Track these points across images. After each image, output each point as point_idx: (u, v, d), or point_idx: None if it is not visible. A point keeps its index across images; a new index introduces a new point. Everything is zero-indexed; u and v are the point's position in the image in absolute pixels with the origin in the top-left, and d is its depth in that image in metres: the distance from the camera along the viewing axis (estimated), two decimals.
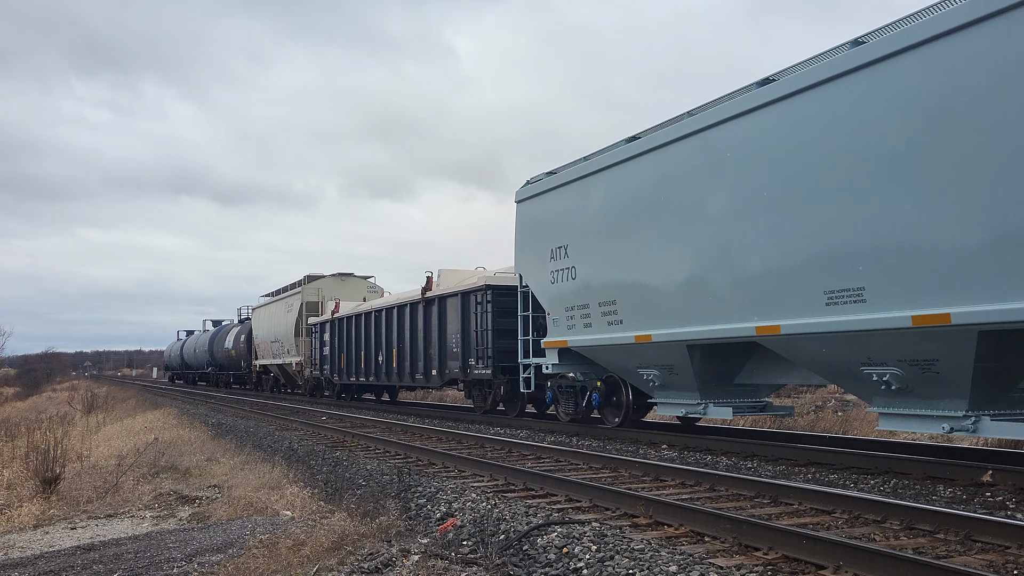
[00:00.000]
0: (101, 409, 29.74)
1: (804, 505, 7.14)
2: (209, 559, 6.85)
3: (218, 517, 8.95)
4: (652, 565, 5.31)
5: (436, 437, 14.72)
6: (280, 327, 34.95)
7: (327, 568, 6.07)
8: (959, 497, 7.49)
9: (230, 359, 45.18)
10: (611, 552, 5.65)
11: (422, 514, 7.83)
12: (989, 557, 5.32)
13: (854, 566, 4.99)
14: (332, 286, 32.61)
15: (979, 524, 5.84)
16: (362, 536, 6.76)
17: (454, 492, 8.47)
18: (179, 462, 13.28)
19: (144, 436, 17.36)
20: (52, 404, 39.67)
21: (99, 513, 9.97)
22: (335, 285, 32.66)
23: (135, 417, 25.01)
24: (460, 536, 6.73)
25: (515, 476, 9.18)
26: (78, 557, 7.45)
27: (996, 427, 7.98)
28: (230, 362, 45.37)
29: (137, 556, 7.22)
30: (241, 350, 42.36)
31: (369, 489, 9.20)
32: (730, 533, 5.94)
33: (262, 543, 6.99)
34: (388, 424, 17.73)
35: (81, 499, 10.72)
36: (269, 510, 8.93)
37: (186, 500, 10.41)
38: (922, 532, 6.02)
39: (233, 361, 44.54)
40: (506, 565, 5.78)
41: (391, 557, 6.06)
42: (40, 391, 59.68)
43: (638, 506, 6.98)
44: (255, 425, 19.01)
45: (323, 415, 21.03)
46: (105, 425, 22.92)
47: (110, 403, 33.75)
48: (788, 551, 5.44)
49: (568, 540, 6.04)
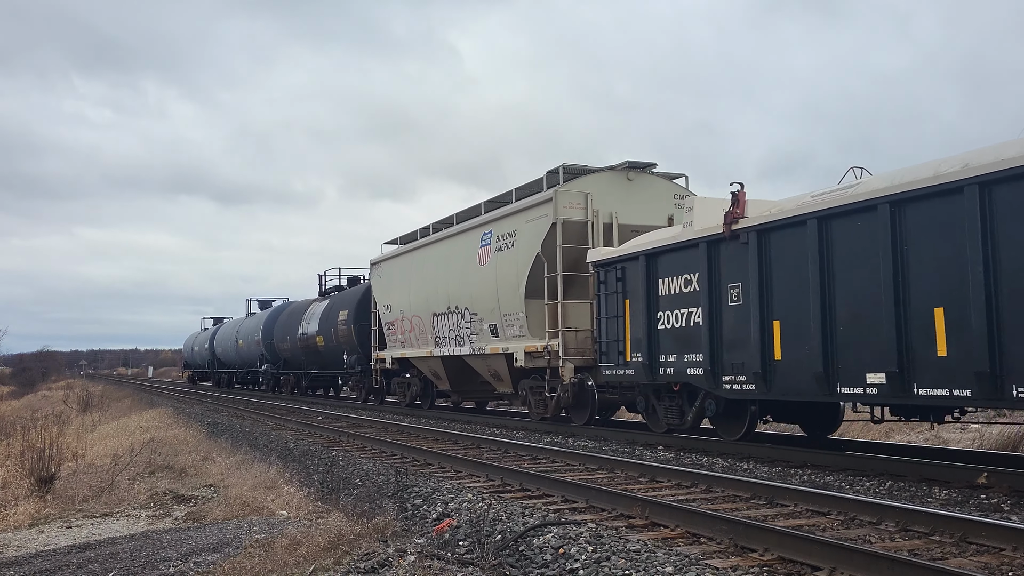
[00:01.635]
0: (96, 408, 29.69)
1: (800, 507, 7.15)
2: (205, 559, 6.85)
3: (214, 517, 8.94)
4: (648, 566, 5.31)
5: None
6: (473, 283, 17.63)
7: (323, 568, 6.07)
8: (954, 499, 7.50)
9: (311, 352, 29.55)
10: (607, 553, 5.65)
11: (418, 514, 7.83)
12: (984, 559, 5.34)
13: (849, 568, 5.00)
14: (610, 190, 15.66)
15: (974, 526, 5.85)
16: (359, 536, 6.75)
17: (450, 492, 8.47)
18: (175, 461, 13.26)
19: (140, 435, 17.34)
20: (47, 403, 39.54)
21: (94, 512, 9.95)
22: (614, 188, 15.72)
23: (131, 416, 24.97)
24: (456, 536, 6.73)
25: (511, 477, 9.18)
26: (73, 556, 7.44)
27: None
28: (311, 357, 29.87)
29: (133, 555, 7.21)
30: (340, 336, 26.15)
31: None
32: (726, 534, 5.95)
33: (258, 543, 6.99)
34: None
35: (76, 498, 10.70)
36: (265, 510, 8.92)
37: (182, 499, 10.39)
38: (917, 534, 6.03)
39: (318, 355, 28.99)
40: (502, 566, 5.78)
41: (387, 557, 6.06)
42: (35, 390, 59.54)
43: (634, 507, 6.98)
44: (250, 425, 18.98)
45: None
46: (100, 424, 22.88)
47: (105, 402, 33.69)
48: (784, 553, 5.45)
49: (564, 541, 6.05)
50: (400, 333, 21.72)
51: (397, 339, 21.98)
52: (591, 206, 15.09)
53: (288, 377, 33.63)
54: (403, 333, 21.54)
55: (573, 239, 14.81)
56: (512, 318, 15.95)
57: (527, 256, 15.41)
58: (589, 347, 14.48)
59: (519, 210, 16.06)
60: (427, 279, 19.95)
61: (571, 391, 14.40)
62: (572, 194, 15.08)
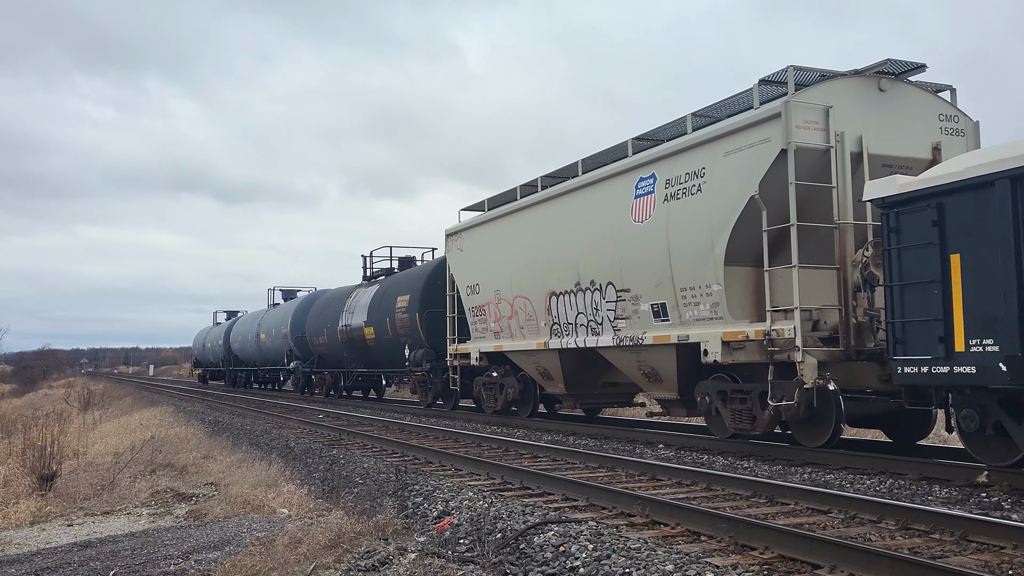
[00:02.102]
0: (97, 406, 29.71)
1: (800, 505, 7.16)
2: (206, 557, 6.85)
3: (215, 515, 8.96)
4: (648, 564, 5.32)
5: None
6: (623, 248, 12.77)
7: (324, 566, 6.08)
8: (955, 498, 7.51)
9: (356, 347, 24.53)
10: (607, 551, 5.66)
11: (419, 512, 7.84)
12: (984, 557, 5.34)
13: (850, 566, 5.01)
14: (856, 103, 10.58)
15: (975, 525, 5.86)
16: (359, 534, 6.76)
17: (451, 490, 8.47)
18: (176, 459, 13.28)
19: (141, 433, 17.36)
20: (48, 401, 39.58)
21: (95, 510, 9.96)
22: (862, 101, 10.64)
23: (131, 415, 25.00)
24: (457, 535, 6.74)
25: (512, 475, 9.19)
26: (75, 554, 7.44)
27: None
28: (356, 353, 24.82)
29: (134, 553, 7.22)
30: (399, 327, 21.58)
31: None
32: (726, 532, 5.96)
33: (259, 541, 7.00)
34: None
35: (78, 496, 10.72)
36: (266, 508, 8.93)
37: (183, 497, 10.41)
38: (918, 532, 6.04)
39: (365, 351, 24.11)
40: (503, 564, 5.79)
41: (388, 555, 6.07)
42: (36, 388, 59.61)
43: (634, 505, 6.99)
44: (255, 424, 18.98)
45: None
46: (101, 423, 22.90)
47: (106, 400, 33.72)
48: (784, 551, 5.46)
49: (565, 539, 6.05)
50: (494, 321, 16.74)
51: (489, 328, 16.98)
52: (833, 126, 10.23)
53: (323, 376, 28.52)
54: (497, 320, 16.59)
55: (805, 174, 10.07)
56: (697, 294, 11.33)
57: (729, 203, 10.66)
58: (839, 333, 10.07)
59: (710, 139, 11.14)
60: (538, 248, 14.99)
61: (808, 400, 9.75)
62: (807, 108, 10.16)
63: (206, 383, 49.08)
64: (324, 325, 27.16)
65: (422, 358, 20.28)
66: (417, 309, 20.52)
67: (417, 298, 20.65)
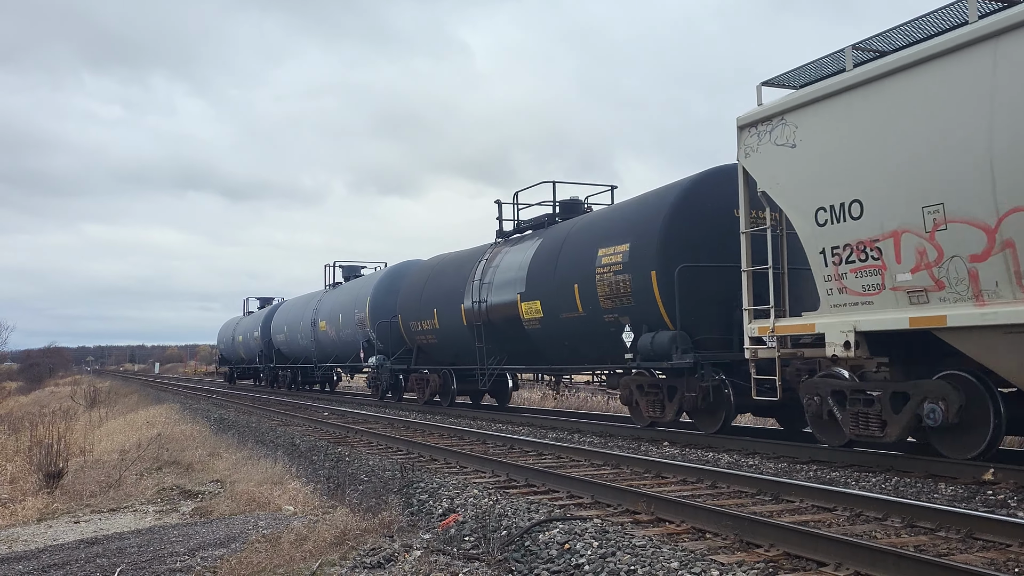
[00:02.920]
0: (103, 404, 29.80)
1: (805, 502, 7.15)
2: (212, 553, 6.88)
3: (220, 512, 8.98)
4: (653, 561, 5.32)
5: None
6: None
7: (329, 563, 6.09)
8: (961, 495, 7.49)
9: (497, 330, 16.62)
10: (613, 548, 5.66)
11: (424, 509, 7.85)
12: (990, 555, 5.33)
13: (855, 564, 5.00)
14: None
15: (980, 522, 5.84)
16: (365, 531, 6.78)
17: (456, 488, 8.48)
18: (182, 457, 13.31)
19: (146, 431, 17.41)
20: (55, 399, 39.72)
21: (102, 507, 10.00)
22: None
23: (137, 412, 25.07)
24: (462, 532, 6.75)
25: (517, 472, 9.20)
26: (81, 551, 7.47)
27: None
28: (499, 340, 16.72)
29: (140, 550, 7.24)
30: (599, 298, 13.12)
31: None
32: (731, 530, 5.95)
33: (264, 538, 7.02)
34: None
35: (84, 493, 10.76)
36: (271, 505, 8.95)
37: (189, 495, 10.44)
38: (923, 530, 6.03)
39: (523, 340, 15.86)
40: (508, 561, 5.80)
41: (393, 552, 6.08)
42: (43, 386, 59.84)
43: (639, 503, 6.99)
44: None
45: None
46: (107, 420, 22.97)
47: (112, 398, 33.82)
48: (789, 548, 5.45)
49: (570, 536, 6.06)
50: (906, 270, 8.31)
51: (868, 283, 8.72)
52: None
53: (424, 376, 20.63)
54: (916, 269, 8.20)
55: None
56: None
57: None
58: None
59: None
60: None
61: None
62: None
63: (233, 382, 41.57)
64: (436, 304, 19.32)
65: (669, 346, 11.82)
66: (655, 264, 12.05)
67: (655, 244, 12.13)
